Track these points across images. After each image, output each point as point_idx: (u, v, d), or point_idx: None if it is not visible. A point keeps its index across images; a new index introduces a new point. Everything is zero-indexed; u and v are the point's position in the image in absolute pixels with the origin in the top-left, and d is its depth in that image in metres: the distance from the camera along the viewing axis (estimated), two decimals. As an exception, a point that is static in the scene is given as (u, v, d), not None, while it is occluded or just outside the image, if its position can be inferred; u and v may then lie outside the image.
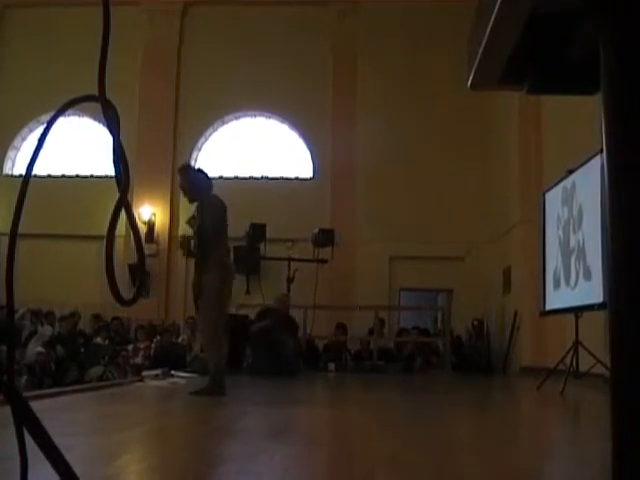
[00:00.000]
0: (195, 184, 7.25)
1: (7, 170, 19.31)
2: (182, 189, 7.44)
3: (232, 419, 4.95)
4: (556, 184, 9.80)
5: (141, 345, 13.62)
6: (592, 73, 1.18)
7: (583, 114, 10.06)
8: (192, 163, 16.07)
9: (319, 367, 14.41)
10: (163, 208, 18.10)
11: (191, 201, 7.33)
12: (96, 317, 15.10)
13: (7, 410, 1.34)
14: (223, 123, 19.34)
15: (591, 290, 8.15)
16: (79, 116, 18.34)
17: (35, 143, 1.38)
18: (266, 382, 9.94)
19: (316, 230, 15.26)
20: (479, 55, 1.34)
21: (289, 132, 19.23)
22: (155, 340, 13.65)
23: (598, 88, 1.13)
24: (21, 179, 1.36)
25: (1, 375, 1.32)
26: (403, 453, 3.49)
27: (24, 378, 11.41)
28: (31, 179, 1.36)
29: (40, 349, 12.51)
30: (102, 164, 18.55)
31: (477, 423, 5.47)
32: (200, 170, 7.63)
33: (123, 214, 1.40)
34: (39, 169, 17.22)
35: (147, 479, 2.81)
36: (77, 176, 19.07)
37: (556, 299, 9.68)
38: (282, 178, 18.91)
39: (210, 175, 7.57)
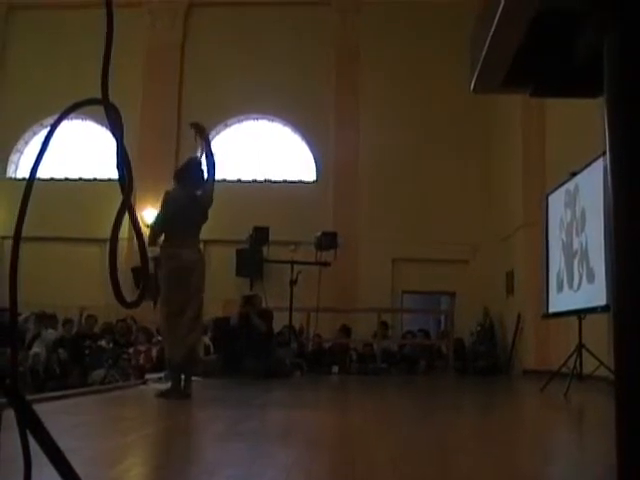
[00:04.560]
0: None
1: (10, 173, 19.35)
2: None
3: (235, 422, 4.94)
4: (559, 187, 9.80)
5: (142, 348, 13.60)
6: (595, 76, 1.18)
7: (586, 116, 10.07)
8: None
9: (323, 369, 14.40)
10: (166, 211, 18.08)
11: None
12: (89, 317, 15.10)
13: (11, 413, 1.34)
14: (226, 126, 19.36)
15: (594, 293, 8.14)
16: (82, 119, 18.36)
17: (39, 146, 1.38)
18: (268, 385, 9.93)
19: (319, 233, 15.25)
20: (482, 58, 1.34)
21: (292, 135, 19.24)
22: (155, 342, 13.60)
23: (601, 91, 1.13)
24: (24, 182, 1.36)
25: (4, 378, 1.32)
26: (405, 456, 3.48)
27: (27, 381, 11.43)
28: (34, 182, 1.36)
29: (36, 350, 12.51)
30: (105, 167, 18.57)
31: (480, 426, 5.46)
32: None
33: (126, 217, 1.40)
34: (42, 172, 17.25)
35: (150, 482, 2.81)
36: (80, 179, 19.10)
37: (559, 302, 9.66)
38: (285, 181, 18.93)
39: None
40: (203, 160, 7.38)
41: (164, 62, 19.04)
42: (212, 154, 7.26)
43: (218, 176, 7.69)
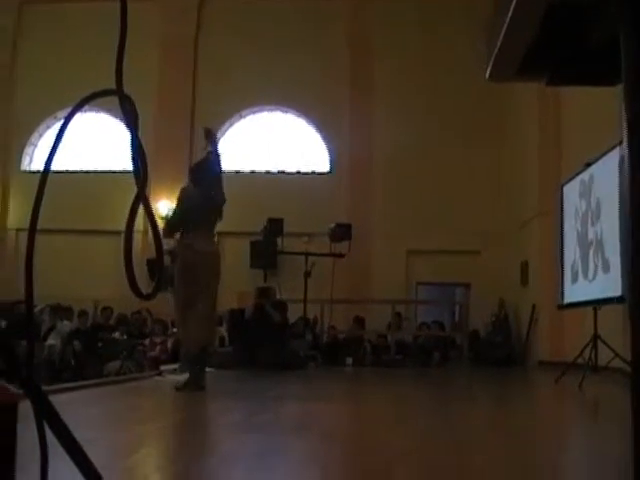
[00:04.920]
0: None
1: (25, 166, 19.41)
2: None
3: (250, 414, 4.95)
4: (574, 177, 9.75)
5: (157, 339, 13.66)
6: (613, 63, 1.17)
7: (602, 106, 10.00)
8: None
9: (337, 361, 14.39)
10: (180, 203, 18.08)
11: None
12: (105, 309, 15.24)
13: (27, 404, 1.34)
14: (240, 117, 19.36)
15: (610, 283, 8.11)
16: (96, 111, 18.39)
17: (53, 139, 1.38)
18: (283, 377, 9.95)
19: (333, 224, 15.25)
20: (498, 45, 1.33)
21: (306, 126, 19.22)
22: (171, 334, 13.66)
23: (619, 79, 1.12)
24: (39, 175, 1.36)
25: (20, 369, 1.32)
26: (420, 448, 3.48)
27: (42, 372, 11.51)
28: (49, 174, 1.36)
29: (52, 341, 12.61)
30: (119, 159, 18.61)
31: (495, 417, 5.45)
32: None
33: (141, 209, 1.40)
34: (56, 165, 17.29)
35: (165, 473, 2.82)
36: (94, 171, 19.15)
37: (574, 292, 9.63)
38: (299, 172, 18.91)
39: (227, 169, 7.53)
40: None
41: (178, 53, 19.04)
42: (218, 156, 7.29)
43: (232, 168, 7.71)
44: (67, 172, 18.51)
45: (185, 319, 6.84)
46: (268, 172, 18.94)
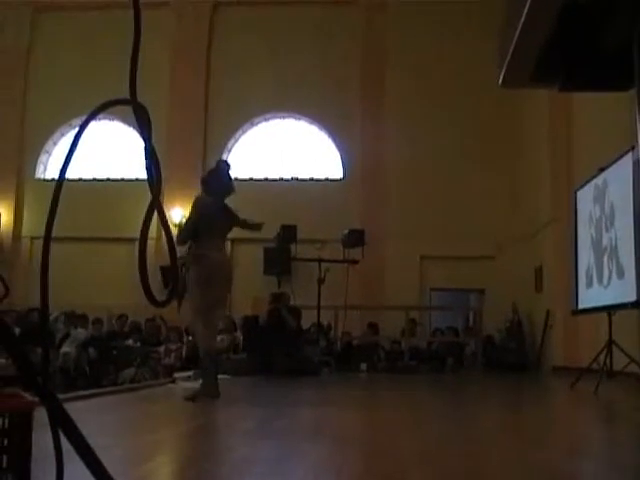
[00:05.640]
0: None
1: (39, 174, 19.49)
2: None
3: (264, 420, 4.96)
4: (587, 182, 9.72)
5: (173, 346, 13.68)
6: (625, 69, 1.17)
7: (613, 110, 9.97)
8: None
9: (351, 367, 14.39)
10: (194, 210, 18.09)
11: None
12: (121, 316, 15.30)
13: (42, 411, 1.35)
14: (252, 125, 19.38)
15: (624, 288, 8.07)
16: (110, 120, 18.47)
17: (67, 147, 1.39)
18: (297, 383, 9.94)
19: (346, 231, 15.25)
20: (510, 52, 1.33)
21: (318, 133, 19.23)
22: (186, 341, 13.69)
23: (631, 84, 1.12)
24: (53, 183, 1.37)
25: (36, 377, 1.33)
26: (435, 453, 3.47)
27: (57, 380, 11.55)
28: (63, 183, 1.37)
29: (66, 349, 12.64)
30: (133, 167, 18.66)
31: (509, 422, 5.43)
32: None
33: (155, 217, 1.41)
34: (71, 173, 17.33)
35: (180, 480, 2.83)
36: (108, 179, 19.21)
37: (589, 298, 9.59)
38: (312, 179, 18.91)
39: (240, 177, 7.54)
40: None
41: (191, 60, 19.09)
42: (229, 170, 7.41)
43: (245, 174, 7.72)
44: (81, 180, 18.60)
45: (201, 326, 6.85)
46: (281, 179, 18.95)
